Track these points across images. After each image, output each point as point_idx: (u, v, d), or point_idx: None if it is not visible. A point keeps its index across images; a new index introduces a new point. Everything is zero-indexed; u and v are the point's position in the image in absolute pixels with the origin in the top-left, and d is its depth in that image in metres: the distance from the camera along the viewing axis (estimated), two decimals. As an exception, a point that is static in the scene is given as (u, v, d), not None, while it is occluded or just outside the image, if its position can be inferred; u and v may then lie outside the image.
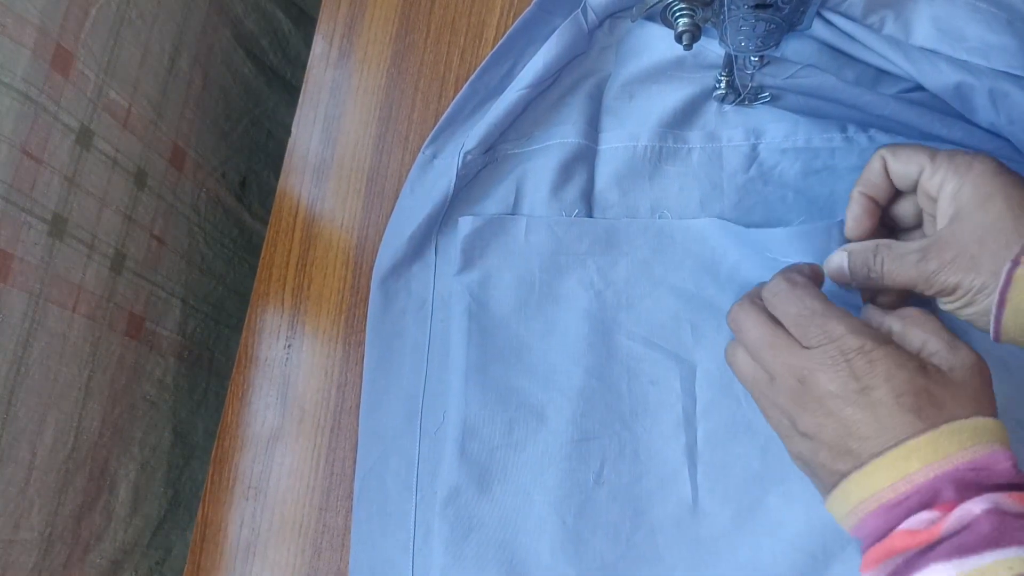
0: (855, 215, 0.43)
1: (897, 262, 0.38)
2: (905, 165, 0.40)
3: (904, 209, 0.43)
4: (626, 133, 0.52)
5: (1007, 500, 0.32)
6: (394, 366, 0.51)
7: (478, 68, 0.54)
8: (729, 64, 0.49)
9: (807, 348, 0.36)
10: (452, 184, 0.51)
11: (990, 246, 0.34)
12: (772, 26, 0.43)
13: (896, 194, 0.43)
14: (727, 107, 0.52)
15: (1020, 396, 0.42)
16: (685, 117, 0.52)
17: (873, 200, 0.42)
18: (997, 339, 0.36)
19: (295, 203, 0.58)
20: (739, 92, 0.50)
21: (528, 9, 0.54)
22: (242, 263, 0.68)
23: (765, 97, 0.51)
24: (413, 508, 0.48)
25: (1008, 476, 0.32)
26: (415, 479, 0.48)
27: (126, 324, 0.54)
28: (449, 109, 0.54)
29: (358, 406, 0.51)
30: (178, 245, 0.60)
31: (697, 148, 0.52)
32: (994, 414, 0.34)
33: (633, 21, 0.52)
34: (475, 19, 0.59)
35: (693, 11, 0.44)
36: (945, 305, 0.38)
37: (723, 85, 0.50)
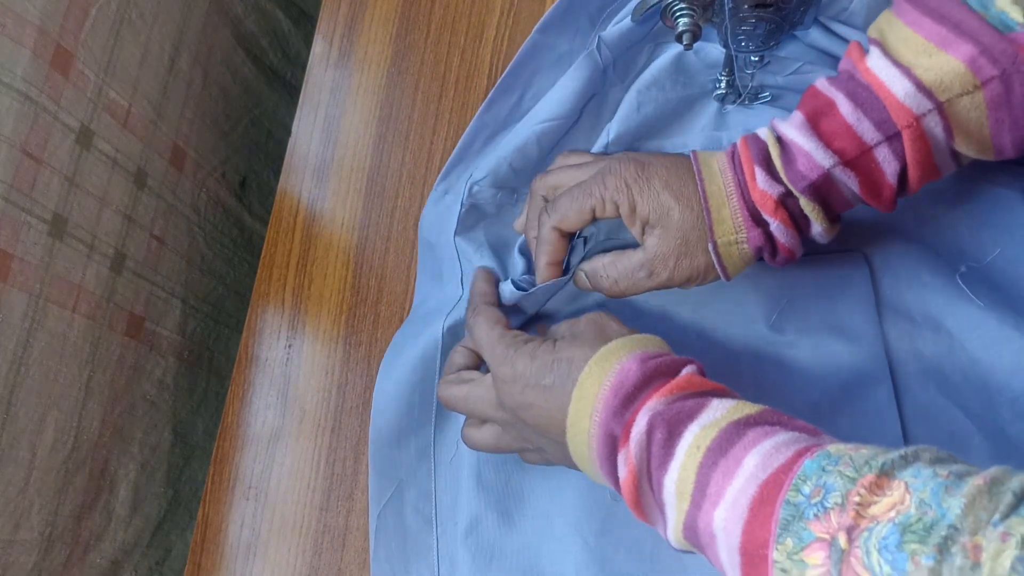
0: (546, 273, 0.47)
1: (630, 282, 0.44)
2: (579, 220, 0.44)
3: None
4: (629, 136, 0.52)
5: (659, 403, 0.36)
6: (405, 398, 0.49)
7: (485, 100, 0.53)
8: (729, 64, 0.49)
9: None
10: (458, 215, 0.51)
11: (691, 241, 0.43)
12: (772, 26, 0.43)
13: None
14: (728, 107, 0.52)
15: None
16: (685, 118, 0.52)
17: (559, 256, 0.47)
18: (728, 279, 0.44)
19: (295, 203, 0.58)
20: (739, 92, 0.50)
21: (529, 37, 0.53)
22: (242, 263, 0.68)
23: (766, 97, 0.51)
24: (435, 541, 0.47)
25: (638, 378, 0.37)
26: (434, 511, 0.48)
27: (126, 324, 0.54)
28: (459, 144, 0.53)
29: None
30: (178, 245, 0.60)
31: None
32: (624, 334, 0.41)
33: (634, 20, 0.52)
34: (475, 19, 0.59)
35: (693, 11, 0.44)
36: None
37: (723, 85, 0.50)
